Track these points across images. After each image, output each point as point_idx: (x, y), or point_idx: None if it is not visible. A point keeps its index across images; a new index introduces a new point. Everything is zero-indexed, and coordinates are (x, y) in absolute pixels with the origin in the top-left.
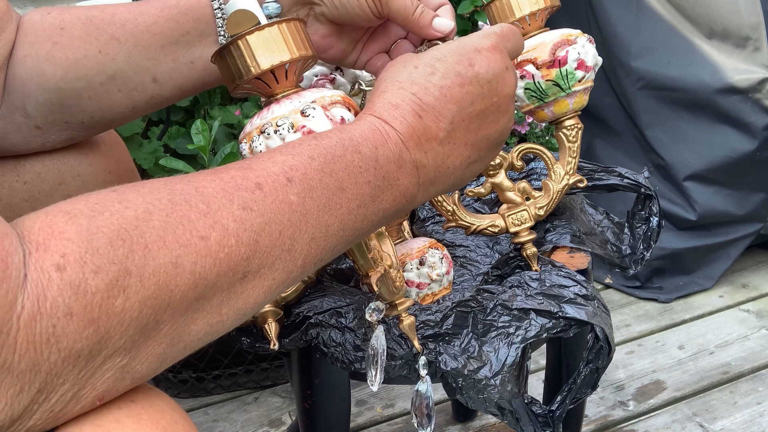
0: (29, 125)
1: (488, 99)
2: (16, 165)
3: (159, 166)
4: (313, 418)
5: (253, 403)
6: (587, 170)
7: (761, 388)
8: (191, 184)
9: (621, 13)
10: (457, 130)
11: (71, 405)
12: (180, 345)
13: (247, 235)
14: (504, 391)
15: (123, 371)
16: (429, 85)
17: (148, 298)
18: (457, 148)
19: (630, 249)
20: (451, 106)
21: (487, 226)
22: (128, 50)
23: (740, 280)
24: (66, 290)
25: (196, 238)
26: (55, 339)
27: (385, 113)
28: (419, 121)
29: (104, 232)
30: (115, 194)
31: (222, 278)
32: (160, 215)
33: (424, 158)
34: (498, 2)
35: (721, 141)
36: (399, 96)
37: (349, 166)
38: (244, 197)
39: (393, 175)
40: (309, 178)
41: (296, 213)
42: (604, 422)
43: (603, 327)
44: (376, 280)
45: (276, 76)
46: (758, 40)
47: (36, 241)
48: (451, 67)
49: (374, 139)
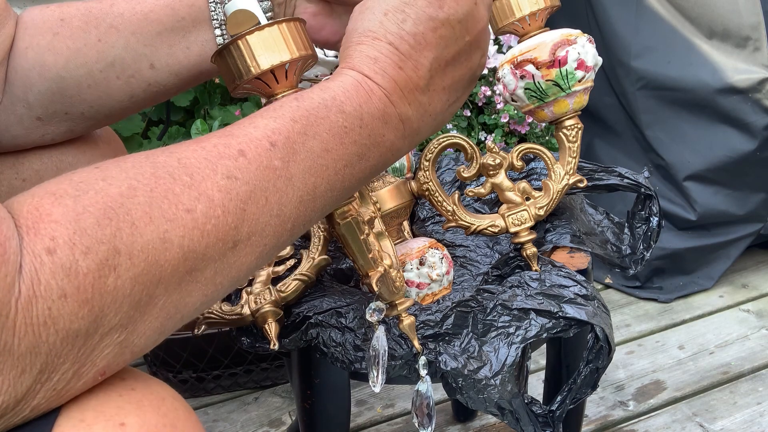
0: (30, 116)
1: (461, 39)
2: (14, 162)
3: None
4: (313, 418)
5: (253, 403)
6: (587, 170)
7: (761, 388)
8: (173, 155)
9: (621, 13)
10: (436, 76)
11: (73, 382)
12: (177, 317)
13: (233, 204)
14: (504, 391)
15: (121, 346)
16: (403, 33)
17: (138, 275)
18: (437, 94)
19: (630, 249)
20: (427, 53)
21: (487, 226)
22: (126, 38)
23: (740, 280)
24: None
25: (182, 211)
26: (51, 321)
27: (365, 67)
28: (400, 73)
29: (90, 212)
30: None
31: (211, 249)
32: (144, 190)
33: (408, 110)
34: (498, 2)
35: (721, 141)
36: (376, 48)
37: (333, 126)
38: (228, 165)
39: (379, 131)
40: (292, 141)
41: (281, 178)
42: (604, 422)
43: (603, 327)
44: (376, 280)
45: (276, 76)
46: (758, 40)
47: (26, 225)
48: (422, 12)
49: (358, 96)
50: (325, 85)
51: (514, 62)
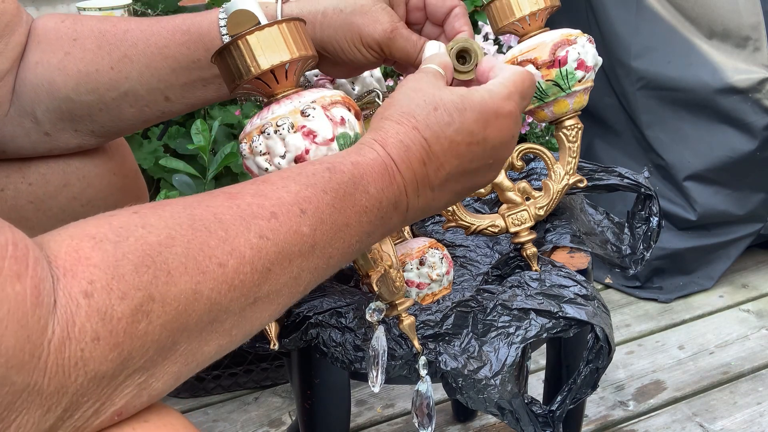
0: (38, 131)
1: (486, 160)
2: (21, 166)
3: (159, 166)
4: (313, 418)
5: (253, 403)
6: (587, 170)
7: (761, 388)
8: (209, 209)
9: (621, 13)
10: (451, 180)
11: (92, 420)
12: (193, 364)
13: (261, 263)
14: (504, 391)
15: (140, 388)
16: (441, 135)
17: (168, 322)
18: (445, 195)
19: (630, 249)
20: (454, 160)
21: (487, 226)
22: (140, 70)
23: (740, 280)
24: (93, 316)
25: (215, 264)
26: (83, 363)
27: (395, 153)
28: (422, 169)
29: (129, 259)
30: (138, 218)
31: (234, 303)
32: (181, 241)
33: (416, 202)
34: (498, 2)
35: (721, 141)
36: (411, 137)
37: (357, 204)
38: (261, 226)
39: (389, 215)
40: (320, 211)
41: (306, 244)
42: (604, 422)
43: (603, 327)
44: (376, 280)
45: (276, 76)
46: (758, 40)
47: (63, 267)
48: (467, 125)
49: (382, 180)
50: (357, 157)
51: (514, 62)
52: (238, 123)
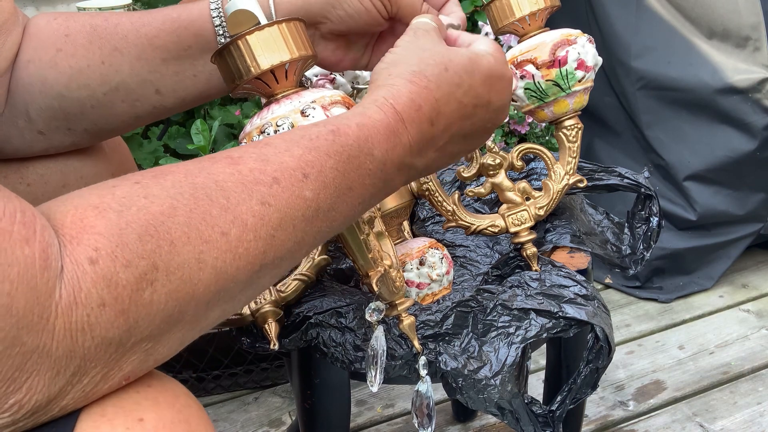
0: (32, 130)
1: (486, 123)
2: (19, 167)
3: (159, 166)
4: (313, 418)
5: (253, 403)
6: (587, 170)
7: (761, 388)
8: (211, 176)
9: (621, 13)
10: (452, 142)
11: (101, 385)
12: (197, 329)
13: (264, 230)
14: (504, 391)
15: (147, 354)
16: (451, 96)
17: (173, 291)
18: (444, 157)
19: (630, 249)
20: (460, 122)
21: (487, 226)
22: (131, 62)
23: (740, 280)
24: (99, 282)
25: (218, 233)
26: (89, 327)
27: (406, 112)
28: (430, 129)
29: (133, 228)
30: (140, 188)
31: (241, 272)
32: (184, 210)
33: (418, 162)
34: (498, 2)
35: (721, 141)
36: (423, 97)
37: (361, 167)
38: (263, 192)
39: (392, 176)
40: (324, 175)
41: (310, 209)
42: (604, 422)
43: (603, 327)
44: (376, 280)
45: (276, 76)
46: (758, 40)
47: (69, 234)
48: (475, 87)
49: (387, 141)
50: (362, 120)
51: (514, 62)
52: (238, 123)
